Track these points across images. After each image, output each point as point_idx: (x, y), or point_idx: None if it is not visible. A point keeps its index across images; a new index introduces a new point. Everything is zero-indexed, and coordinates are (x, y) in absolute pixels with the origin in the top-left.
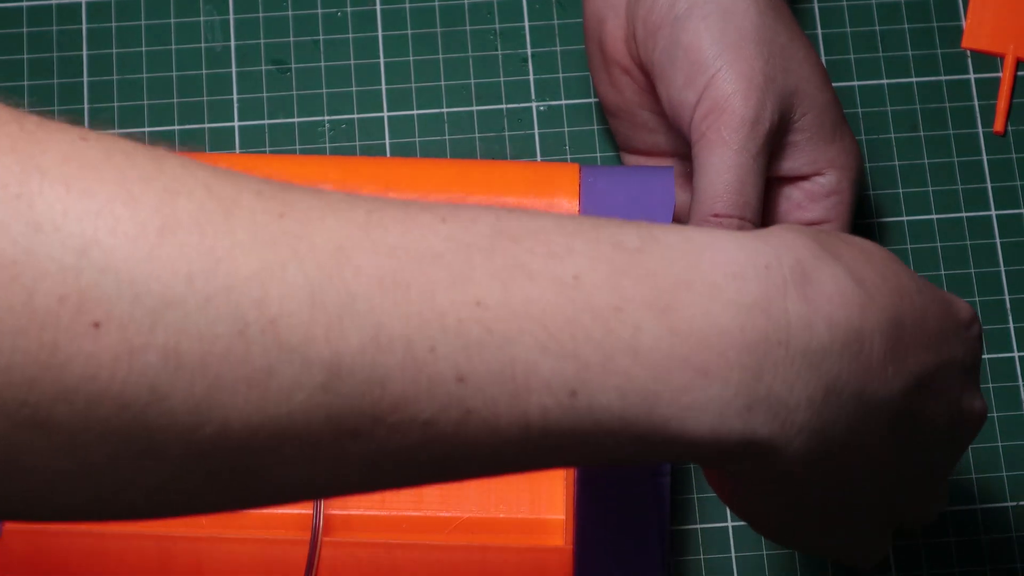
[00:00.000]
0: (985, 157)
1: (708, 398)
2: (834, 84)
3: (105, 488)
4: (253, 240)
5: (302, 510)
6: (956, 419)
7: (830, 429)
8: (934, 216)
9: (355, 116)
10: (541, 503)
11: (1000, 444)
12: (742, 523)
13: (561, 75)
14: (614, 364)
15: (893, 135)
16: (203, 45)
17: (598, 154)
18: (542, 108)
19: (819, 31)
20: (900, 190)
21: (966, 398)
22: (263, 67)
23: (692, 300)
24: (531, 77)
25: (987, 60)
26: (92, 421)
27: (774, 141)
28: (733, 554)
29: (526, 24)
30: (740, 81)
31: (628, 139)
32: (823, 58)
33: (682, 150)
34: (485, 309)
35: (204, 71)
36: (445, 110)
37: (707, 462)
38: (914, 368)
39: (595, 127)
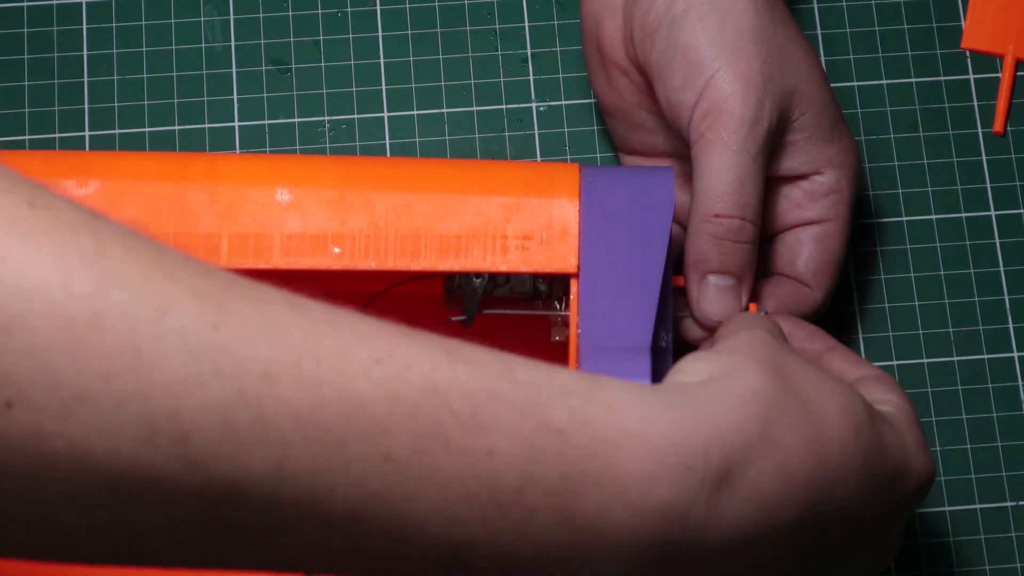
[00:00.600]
0: (985, 157)
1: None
2: (834, 84)
3: (10, 538)
4: (180, 348)
5: None
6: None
7: None
8: (934, 216)
9: (355, 116)
10: None
11: (1000, 444)
12: None
13: (561, 75)
14: (502, 539)
15: (893, 135)
16: (203, 45)
17: (598, 154)
18: (542, 108)
19: (819, 31)
20: (900, 190)
21: (880, 553)
22: (263, 67)
23: (595, 497)
24: (531, 77)
25: (987, 60)
26: None
27: (773, 141)
28: None
29: (526, 24)
30: (738, 81)
31: (626, 140)
32: (823, 58)
33: (680, 151)
34: (392, 465)
35: (204, 71)
36: (445, 110)
37: None
38: (823, 547)
39: (595, 127)
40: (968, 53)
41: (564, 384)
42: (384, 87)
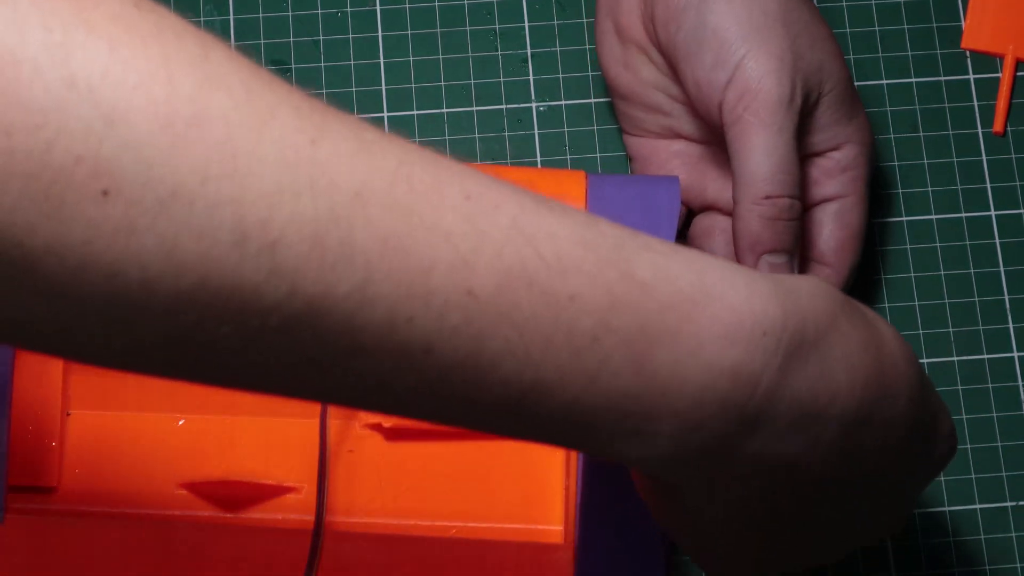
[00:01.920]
0: (985, 157)
1: (641, 430)
2: None
3: (76, 335)
4: (277, 159)
5: (305, 501)
6: (866, 527)
7: (743, 484)
8: (934, 216)
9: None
10: (543, 501)
11: (1000, 444)
12: None
13: (561, 75)
14: (570, 386)
15: (893, 135)
16: None
17: (598, 154)
18: (542, 108)
19: None
20: (900, 190)
21: (889, 516)
22: (263, 67)
23: (671, 350)
24: (531, 77)
25: (987, 60)
26: (77, 281)
27: (801, 119)
28: None
29: (526, 24)
30: (771, 61)
31: (639, 121)
32: None
33: (696, 133)
34: (473, 300)
35: None
36: (445, 110)
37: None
38: (853, 469)
39: (595, 127)
40: (968, 53)
41: (648, 242)
42: (384, 87)
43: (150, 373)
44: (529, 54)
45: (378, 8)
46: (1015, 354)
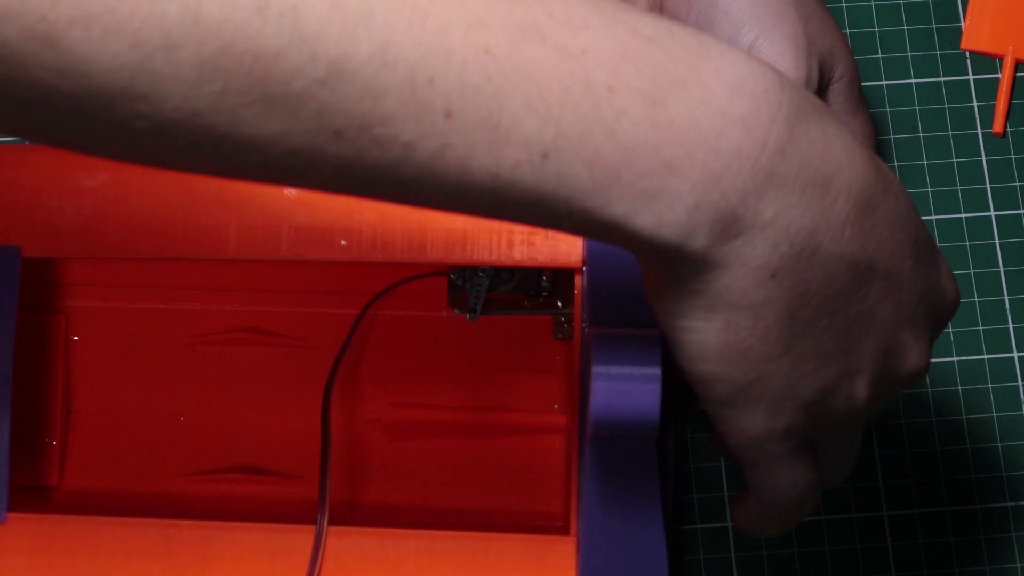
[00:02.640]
0: (984, 158)
1: (663, 188)
2: None
3: (97, 117)
4: None
5: (307, 498)
6: (891, 343)
7: (769, 251)
8: (933, 217)
9: None
10: (545, 495)
11: (1000, 444)
12: None
13: None
14: (590, 138)
15: (892, 136)
16: None
17: None
18: None
19: None
20: None
21: (910, 335)
22: None
23: (683, 99)
24: None
25: (986, 61)
26: (101, 52)
27: None
28: (733, 554)
29: None
30: (785, 42)
31: None
32: None
33: None
34: (491, 58)
35: None
36: None
37: (639, 250)
38: (871, 250)
39: None
40: (968, 54)
41: (649, 11)
42: None
43: (175, 163)
44: None
45: None
46: (1015, 354)
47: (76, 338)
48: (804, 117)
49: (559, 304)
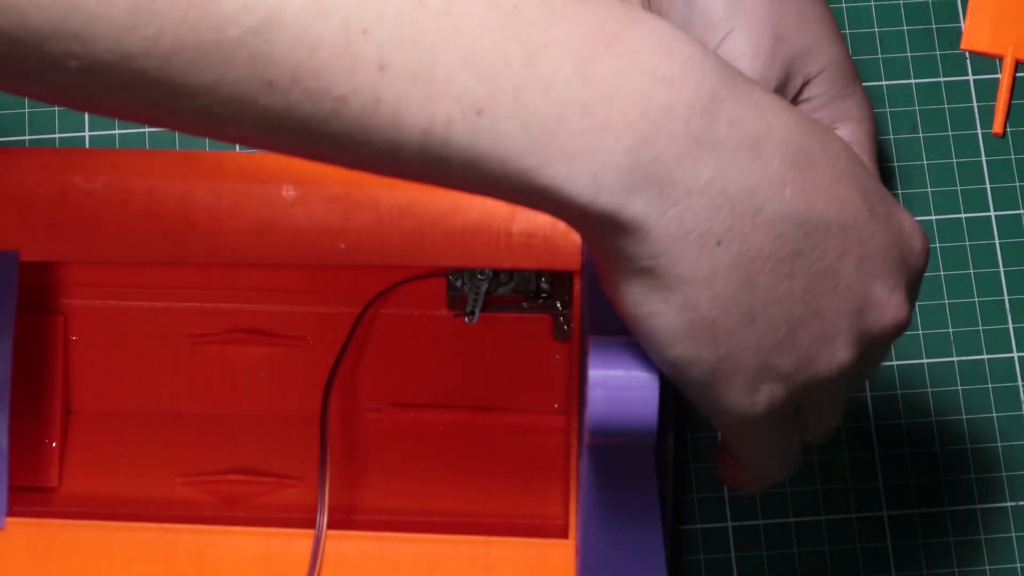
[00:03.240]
0: (984, 158)
1: (598, 149)
2: None
3: (30, 56)
4: None
5: (306, 499)
6: (863, 300)
7: (710, 215)
8: (933, 217)
9: None
10: (545, 497)
11: (1000, 444)
12: (742, 523)
13: None
14: (524, 96)
15: (892, 136)
16: None
17: None
18: None
19: None
20: (899, 191)
21: (883, 288)
22: None
23: (614, 58)
24: None
25: (986, 61)
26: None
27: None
28: (733, 554)
29: None
30: (749, 43)
31: None
32: None
33: None
34: (424, 10)
35: None
36: None
37: (582, 225)
38: (818, 207)
39: None
40: (967, 54)
41: None
42: None
43: (107, 105)
44: None
45: None
46: (1015, 354)
47: (75, 339)
48: (729, 81)
49: (558, 305)
